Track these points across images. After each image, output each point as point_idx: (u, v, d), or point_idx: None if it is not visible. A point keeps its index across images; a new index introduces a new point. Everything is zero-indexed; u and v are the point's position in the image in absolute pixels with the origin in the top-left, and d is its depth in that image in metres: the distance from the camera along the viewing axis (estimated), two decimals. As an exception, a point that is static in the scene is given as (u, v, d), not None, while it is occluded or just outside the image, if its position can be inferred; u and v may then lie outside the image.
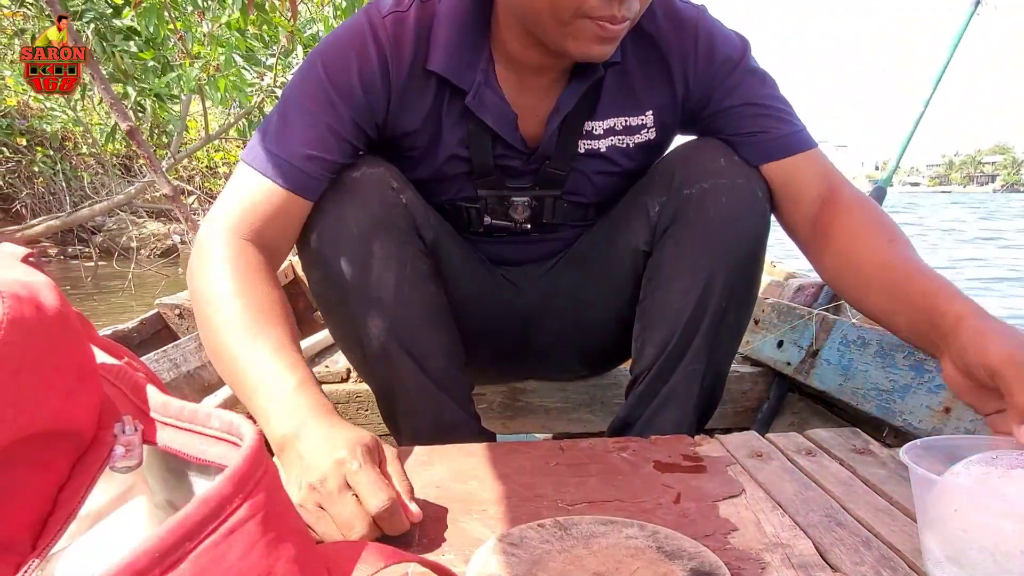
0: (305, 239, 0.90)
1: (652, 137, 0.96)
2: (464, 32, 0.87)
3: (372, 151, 0.93)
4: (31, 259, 0.43)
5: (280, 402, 0.70)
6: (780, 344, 1.40)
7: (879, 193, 2.01)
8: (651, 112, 0.94)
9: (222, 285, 0.78)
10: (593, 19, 0.76)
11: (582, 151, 0.95)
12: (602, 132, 0.95)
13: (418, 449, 0.91)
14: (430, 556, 0.62)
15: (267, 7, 4.04)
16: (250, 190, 0.85)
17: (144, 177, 5.42)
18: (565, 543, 0.63)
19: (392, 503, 0.61)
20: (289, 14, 3.97)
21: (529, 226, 1.01)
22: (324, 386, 1.40)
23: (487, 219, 1.00)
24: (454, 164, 0.94)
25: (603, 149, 0.96)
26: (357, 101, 0.87)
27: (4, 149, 6.69)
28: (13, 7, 4.18)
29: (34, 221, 5.55)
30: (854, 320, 1.27)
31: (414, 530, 0.68)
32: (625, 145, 0.96)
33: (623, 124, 0.94)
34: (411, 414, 0.97)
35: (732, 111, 0.92)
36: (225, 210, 0.84)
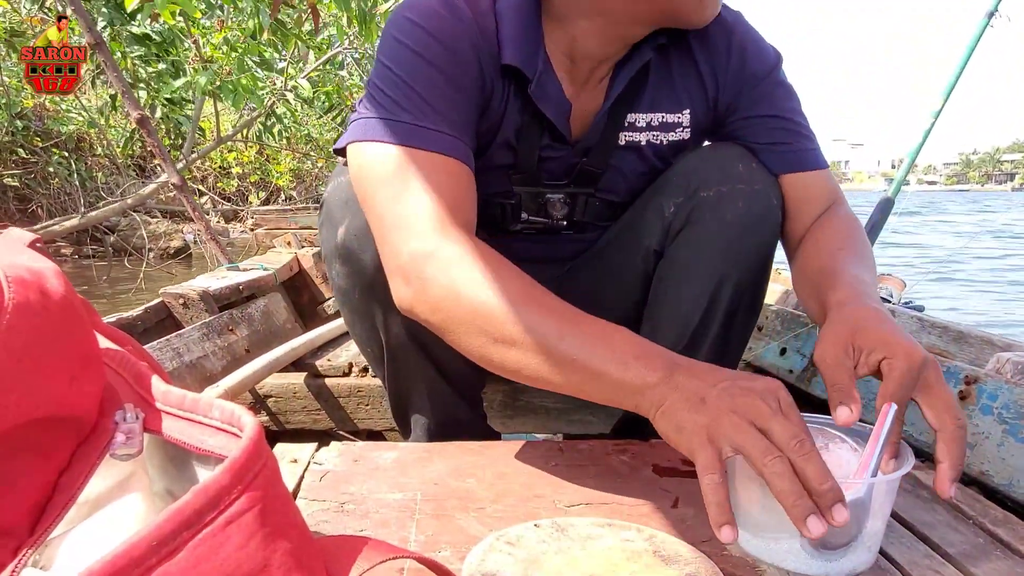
0: (332, 232, 0.89)
1: (686, 138, 0.96)
2: (526, 24, 0.86)
3: None
4: (37, 245, 0.43)
5: (636, 351, 0.65)
6: (783, 351, 1.40)
7: (886, 205, 2.00)
8: (688, 112, 0.94)
9: (496, 275, 0.69)
10: None
11: (622, 143, 0.95)
12: (643, 125, 0.94)
13: (418, 445, 0.91)
14: (426, 553, 0.62)
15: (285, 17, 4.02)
16: (431, 174, 0.75)
17: (158, 177, 5.43)
18: (562, 544, 0.63)
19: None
20: (308, 26, 3.96)
21: (565, 223, 1.00)
22: (326, 380, 1.40)
23: (524, 215, 0.99)
24: (502, 154, 0.93)
25: (643, 143, 0.95)
26: (472, 70, 0.82)
27: (20, 150, 6.69)
28: (33, 11, 4.18)
29: (49, 221, 5.56)
30: None
31: (411, 527, 0.68)
32: (659, 142, 0.96)
33: (660, 120, 0.94)
34: (423, 411, 0.97)
35: (756, 120, 0.93)
36: (422, 211, 0.72)
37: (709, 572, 0.59)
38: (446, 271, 0.70)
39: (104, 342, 0.45)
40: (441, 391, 0.96)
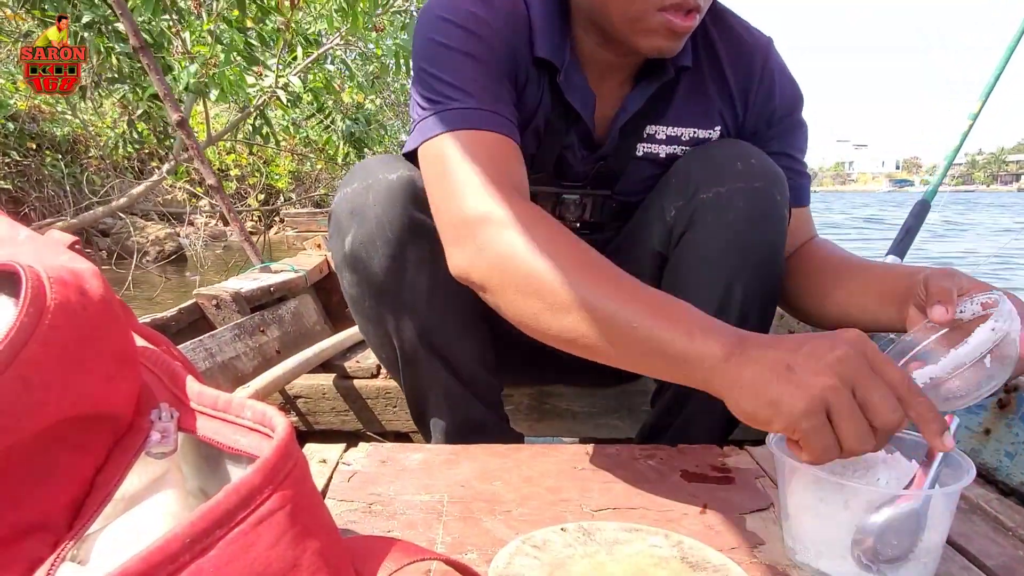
0: (340, 242, 0.90)
1: None
2: (553, 17, 0.87)
3: None
4: (76, 246, 0.44)
5: (702, 323, 0.61)
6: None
7: (922, 209, 1.94)
8: (719, 128, 0.95)
9: (552, 239, 0.67)
10: (664, 10, 0.77)
11: (639, 154, 0.95)
12: (665, 138, 0.94)
13: (444, 448, 0.91)
14: (453, 555, 0.62)
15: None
16: (478, 148, 0.76)
17: (150, 178, 5.40)
18: (588, 548, 0.63)
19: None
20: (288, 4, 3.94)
21: (579, 224, 1.01)
22: (355, 381, 1.41)
23: None
24: (529, 144, 0.92)
25: (662, 155, 0.95)
26: (506, 57, 0.84)
27: (13, 153, 6.60)
28: (15, 8, 4.19)
29: (41, 223, 5.57)
30: (891, 335, 1.24)
31: (437, 528, 0.68)
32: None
33: (691, 135, 0.94)
34: (440, 415, 0.98)
35: (771, 156, 0.94)
36: (473, 179, 0.73)
37: (738, 580, 0.58)
38: (500, 233, 0.69)
39: (140, 342, 0.46)
40: (457, 394, 0.96)
